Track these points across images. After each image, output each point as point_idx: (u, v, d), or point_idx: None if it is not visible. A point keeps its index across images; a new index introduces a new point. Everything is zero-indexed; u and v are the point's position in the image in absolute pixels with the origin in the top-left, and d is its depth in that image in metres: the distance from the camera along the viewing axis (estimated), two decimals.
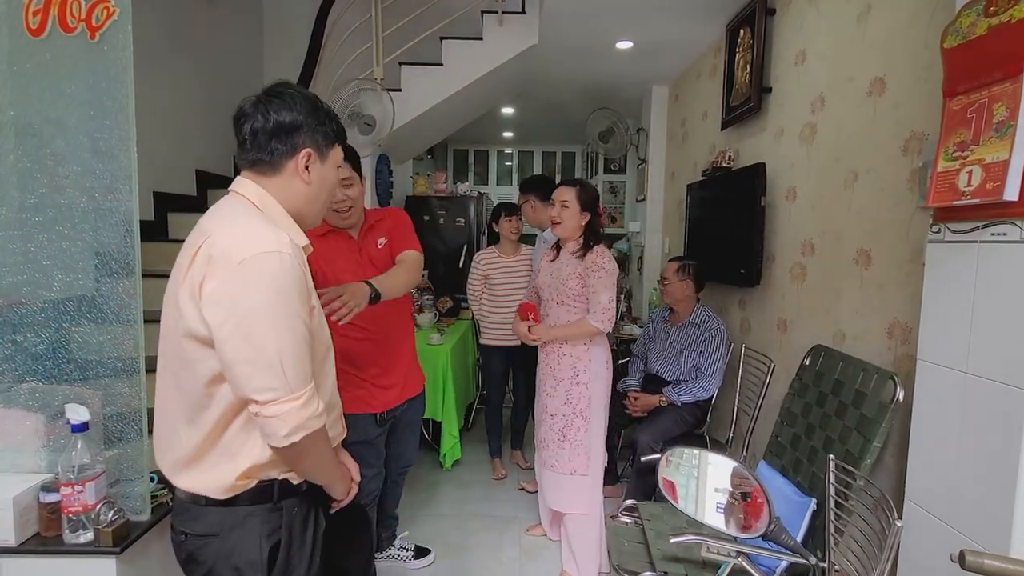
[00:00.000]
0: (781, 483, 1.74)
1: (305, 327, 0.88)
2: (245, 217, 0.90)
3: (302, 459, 0.92)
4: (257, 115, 0.92)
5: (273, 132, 0.92)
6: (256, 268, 0.83)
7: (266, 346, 0.83)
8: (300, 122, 0.93)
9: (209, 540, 0.91)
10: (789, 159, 2.24)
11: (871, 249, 1.74)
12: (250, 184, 0.94)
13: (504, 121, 5.52)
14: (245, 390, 0.84)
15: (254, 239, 0.85)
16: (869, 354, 1.71)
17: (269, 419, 0.84)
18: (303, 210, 0.98)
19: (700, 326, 2.47)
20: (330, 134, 0.98)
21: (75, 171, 1.08)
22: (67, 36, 1.03)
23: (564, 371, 2.01)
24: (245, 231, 0.87)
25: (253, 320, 0.83)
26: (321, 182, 0.98)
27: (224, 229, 0.87)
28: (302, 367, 0.87)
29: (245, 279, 0.83)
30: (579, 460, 2.00)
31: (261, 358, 0.83)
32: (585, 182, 2.07)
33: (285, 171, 0.94)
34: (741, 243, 2.43)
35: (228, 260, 0.83)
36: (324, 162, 0.98)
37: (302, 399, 0.86)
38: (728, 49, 2.75)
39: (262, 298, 0.83)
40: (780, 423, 1.93)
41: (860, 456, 1.49)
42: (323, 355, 0.99)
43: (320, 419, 0.89)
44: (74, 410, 1.06)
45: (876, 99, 1.73)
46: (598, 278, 1.93)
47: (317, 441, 0.91)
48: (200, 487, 0.91)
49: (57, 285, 1.09)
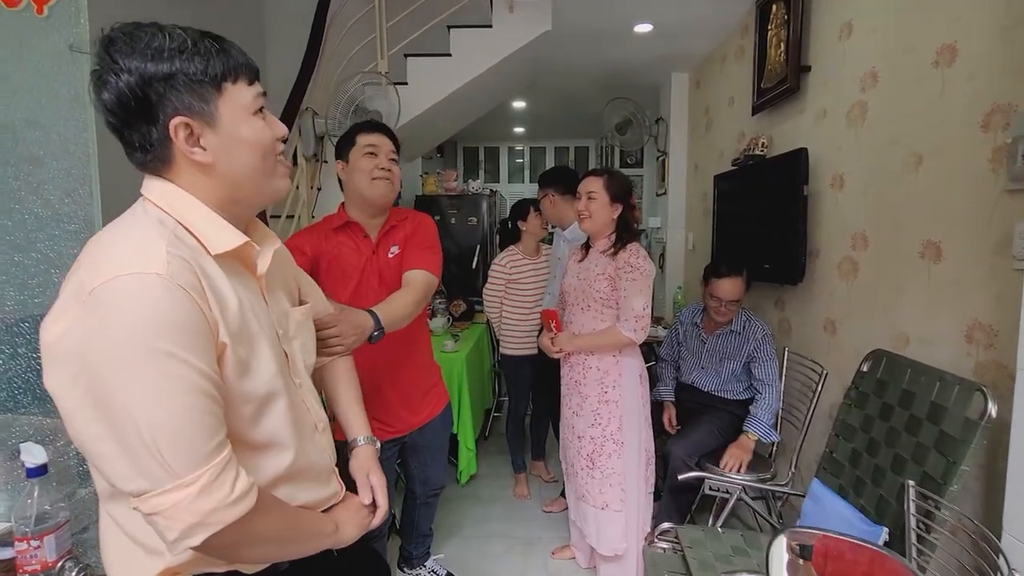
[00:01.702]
0: (842, 507, 1.54)
1: (201, 378, 0.60)
2: (121, 226, 0.65)
3: (239, 553, 0.67)
4: (95, 91, 0.64)
5: (121, 107, 0.63)
6: (109, 301, 0.57)
7: (125, 416, 0.57)
8: (142, 80, 0.61)
9: None
10: (835, 143, 2.03)
11: (940, 240, 1.53)
12: (153, 182, 0.68)
13: (515, 116, 5.34)
14: (109, 477, 0.61)
15: (111, 258, 0.59)
16: (941, 360, 1.50)
17: (150, 517, 0.59)
18: (236, 193, 0.70)
19: (742, 333, 2.18)
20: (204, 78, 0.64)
21: (26, 171, 0.93)
22: (10, 12, 0.88)
23: (590, 386, 1.81)
24: (107, 247, 0.62)
25: (105, 379, 0.57)
26: (231, 147, 0.67)
27: (88, 246, 0.64)
28: (196, 440, 0.59)
29: (91, 318, 0.57)
30: (612, 493, 1.79)
31: (119, 434, 0.58)
32: (614, 171, 1.87)
33: (175, 158, 0.66)
34: (780, 237, 2.22)
35: (79, 293, 0.59)
36: (217, 121, 0.66)
37: (195, 486, 0.59)
38: (758, 27, 2.54)
39: (115, 345, 0.56)
40: (835, 437, 1.73)
41: (943, 480, 1.29)
42: (256, 410, 0.69)
43: (237, 507, 0.62)
44: (29, 451, 0.90)
45: (944, 70, 1.52)
46: (631, 280, 1.71)
47: (252, 527, 0.64)
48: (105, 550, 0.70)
49: (10, 304, 0.94)
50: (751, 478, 1.93)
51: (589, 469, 1.81)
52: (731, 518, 2.14)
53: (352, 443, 0.96)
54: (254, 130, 0.69)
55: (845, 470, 1.65)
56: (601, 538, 1.84)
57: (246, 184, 0.70)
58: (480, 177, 6.49)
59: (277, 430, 0.72)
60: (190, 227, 0.67)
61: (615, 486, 1.80)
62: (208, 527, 0.60)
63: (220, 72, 0.65)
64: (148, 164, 0.67)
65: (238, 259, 0.71)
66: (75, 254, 0.93)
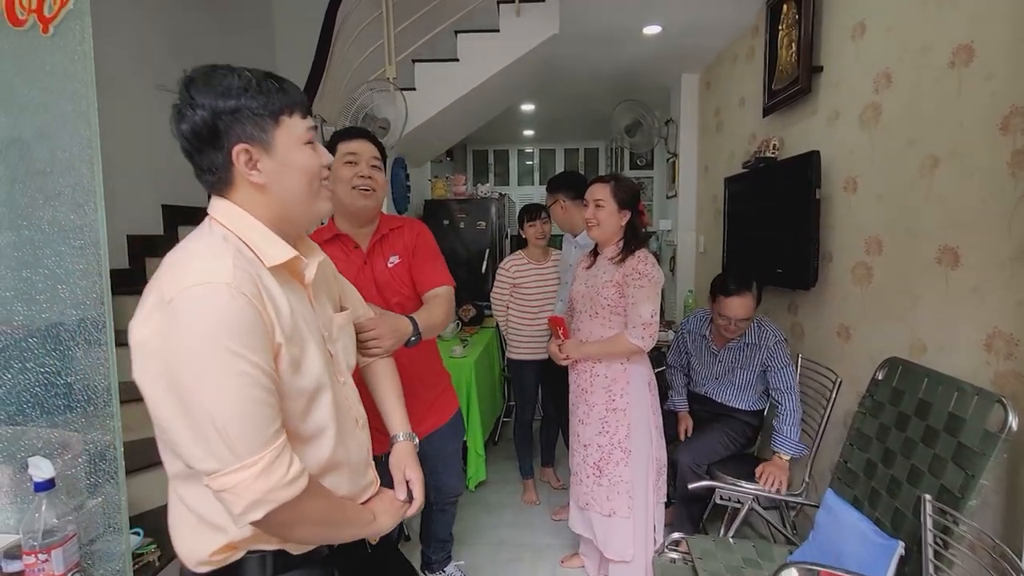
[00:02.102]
0: (856, 518, 1.51)
1: (261, 374, 0.69)
2: (192, 243, 0.75)
3: (290, 532, 0.76)
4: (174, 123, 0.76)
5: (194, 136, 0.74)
6: (182, 309, 0.66)
7: (199, 407, 0.67)
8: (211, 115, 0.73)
9: None
10: (847, 145, 1.99)
11: (958, 246, 1.49)
12: (218, 202, 0.79)
13: (524, 119, 5.33)
14: (185, 459, 0.71)
15: (186, 271, 0.69)
16: (959, 369, 1.46)
17: (219, 493, 0.69)
18: (287, 213, 0.80)
19: (755, 344, 2.08)
20: (263, 112, 0.75)
21: (33, 188, 0.94)
22: (17, 31, 0.89)
23: (597, 394, 1.79)
24: (182, 262, 0.71)
25: (185, 375, 0.67)
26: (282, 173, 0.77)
27: (166, 262, 0.73)
28: (257, 427, 0.69)
29: (171, 324, 0.67)
30: (619, 500, 1.76)
31: (198, 422, 0.67)
32: (621, 177, 1.84)
33: (235, 181, 0.77)
34: (792, 241, 2.18)
35: (160, 302, 0.68)
36: (273, 150, 0.76)
37: (257, 467, 0.68)
38: (769, 28, 2.50)
39: (192, 346, 0.66)
40: (849, 446, 1.69)
41: (961, 495, 1.25)
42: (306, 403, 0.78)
43: (291, 487, 0.71)
44: (37, 465, 0.92)
45: (961, 70, 1.47)
46: (639, 287, 1.68)
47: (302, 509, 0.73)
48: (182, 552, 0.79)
49: (18, 319, 0.95)
50: (764, 488, 1.89)
51: (596, 477, 1.79)
52: (744, 527, 2.10)
53: (392, 439, 1.04)
54: (304, 157, 0.79)
55: (860, 481, 1.61)
56: (608, 544, 1.82)
57: (295, 205, 0.80)
58: (490, 180, 6.49)
59: (324, 423, 0.81)
60: (248, 242, 0.77)
61: (623, 494, 1.78)
62: (267, 504, 0.69)
63: (278, 107, 0.77)
64: (214, 185, 0.78)
65: (288, 270, 0.81)
66: (81, 269, 0.94)
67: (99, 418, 0.98)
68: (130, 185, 2.65)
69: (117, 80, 2.57)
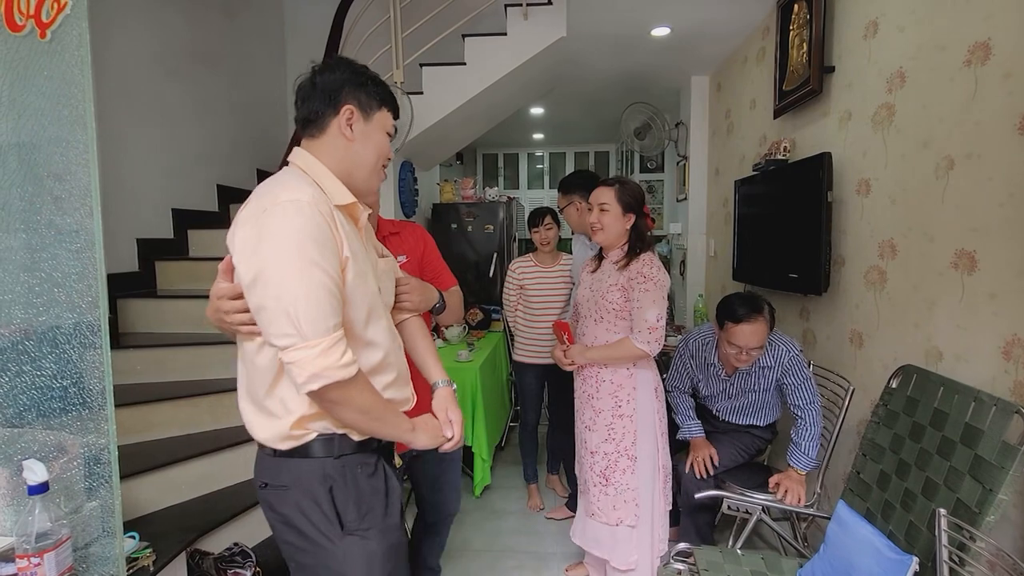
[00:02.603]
0: (868, 532, 1.45)
1: (327, 277, 0.87)
2: (281, 179, 0.94)
3: (338, 411, 0.92)
4: (307, 82, 1.00)
5: (318, 92, 0.98)
6: (275, 216, 0.86)
7: (282, 292, 0.85)
8: (342, 81, 0.98)
9: (280, 490, 0.95)
10: (860, 147, 1.94)
11: (975, 251, 1.44)
12: (300, 153, 1.00)
13: (533, 122, 5.31)
14: (267, 335, 0.88)
15: (277, 192, 0.89)
16: (977, 378, 1.41)
17: (288, 365, 0.86)
18: (352, 172, 1.01)
19: (771, 367, 1.90)
20: (374, 96, 1.01)
21: (30, 192, 0.95)
22: (15, 36, 0.90)
23: (604, 400, 1.76)
24: (272, 187, 0.91)
25: (271, 267, 0.85)
26: (366, 141, 1.01)
27: (262, 189, 0.92)
28: (320, 316, 0.86)
29: (264, 227, 0.86)
30: (626, 509, 1.73)
31: (278, 304, 0.85)
32: (625, 180, 1.81)
33: (329, 130, 0.99)
34: (803, 245, 2.13)
35: (253, 213, 0.88)
36: (368, 121, 1.01)
37: (318, 348, 0.85)
38: (779, 28, 2.46)
39: (279, 245, 0.85)
40: (862, 457, 1.64)
41: (979, 509, 1.20)
42: (366, 315, 0.96)
43: (345, 370, 0.87)
44: (31, 468, 0.92)
45: (977, 69, 1.43)
46: (644, 291, 1.66)
47: (350, 392, 0.90)
48: (266, 437, 0.95)
49: (16, 322, 0.96)
50: (773, 498, 1.84)
51: (603, 485, 1.76)
52: (753, 538, 2.05)
53: (432, 386, 1.17)
54: (382, 139, 1.04)
55: (873, 492, 1.56)
56: (615, 553, 1.79)
57: (359, 168, 1.01)
58: (499, 184, 6.48)
59: (379, 334, 0.99)
60: (320, 183, 0.96)
61: (629, 502, 1.75)
62: (322, 379, 0.85)
63: (385, 100, 1.04)
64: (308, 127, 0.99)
65: (347, 212, 0.99)
66: (77, 273, 0.94)
67: (94, 421, 0.98)
68: (141, 189, 2.68)
69: (128, 85, 2.60)
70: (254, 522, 1.91)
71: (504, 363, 3.42)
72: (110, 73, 2.48)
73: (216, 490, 1.95)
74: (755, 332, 1.78)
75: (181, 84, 2.95)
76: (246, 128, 3.51)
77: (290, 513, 0.94)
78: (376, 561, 0.96)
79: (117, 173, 2.50)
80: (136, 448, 1.90)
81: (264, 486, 0.97)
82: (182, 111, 2.96)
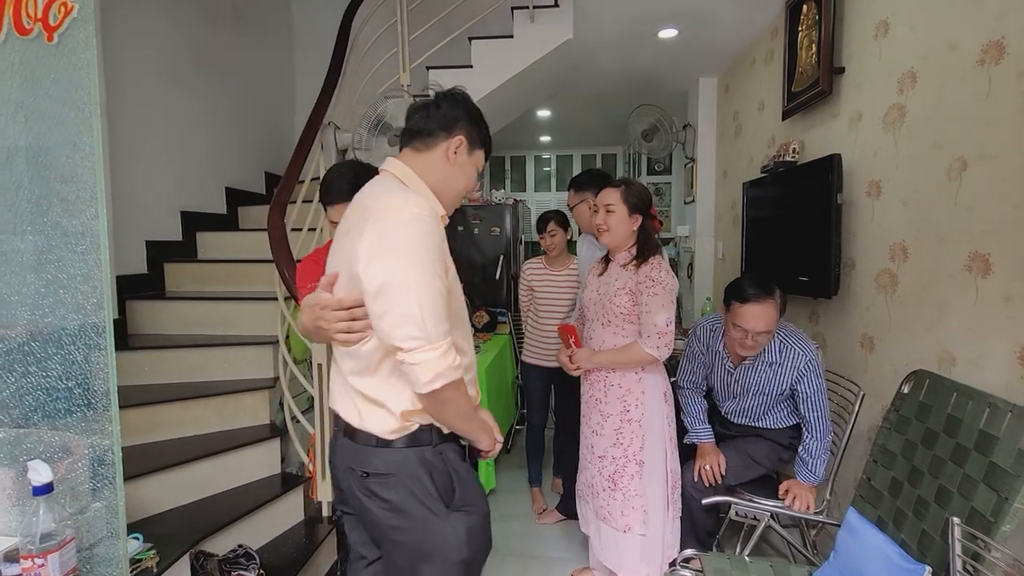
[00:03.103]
0: (880, 540, 1.42)
1: (442, 284, 0.98)
2: (394, 189, 1.05)
3: (444, 408, 1.02)
4: (432, 103, 1.11)
5: (438, 114, 1.09)
6: (400, 227, 0.96)
7: (411, 299, 0.93)
8: (463, 114, 1.11)
9: (386, 478, 1.03)
10: (870, 148, 1.91)
11: (989, 253, 1.41)
12: (396, 163, 1.11)
13: (540, 124, 5.31)
14: (392, 338, 0.95)
15: (402, 205, 0.99)
16: (991, 383, 1.38)
17: (413, 366, 0.94)
18: (443, 192, 1.11)
19: (778, 364, 1.80)
20: (482, 138, 1.15)
21: (36, 194, 0.95)
22: (23, 40, 0.91)
23: (612, 404, 1.74)
24: (387, 198, 1.01)
25: (399, 274, 0.94)
26: (462, 170, 1.12)
27: (379, 200, 1.01)
28: (440, 321, 0.96)
29: (390, 237, 0.95)
30: (634, 515, 1.71)
31: (406, 310, 0.93)
32: (631, 180, 1.80)
33: (436, 150, 1.10)
34: (812, 247, 2.11)
35: (380, 224, 0.97)
36: (470, 155, 1.13)
37: (440, 350, 0.95)
38: (788, 29, 2.44)
39: (406, 254, 0.94)
40: (873, 463, 1.61)
41: (994, 518, 1.17)
42: (455, 315, 1.05)
43: (458, 371, 0.98)
44: (35, 469, 0.92)
45: (991, 68, 1.40)
46: (653, 295, 1.64)
47: (458, 392, 1.00)
48: (376, 429, 1.03)
49: (22, 323, 0.97)
50: (782, 504, 1.81)
51: (611, 490, 1.74)
52: (762, 544, 2.02)
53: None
54: (472, 173, 1.17)
55: (884, 500, 1.53)
56: (624, 561, 1.77)
57: (448, 190, 1.13)
58: (506, 186, 6.48)
59: (460, 336, 1.08)
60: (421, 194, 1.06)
61: (637, 508, 1.73)
62: (444, 378, 0.95)
63: (485, 142, 1.18)
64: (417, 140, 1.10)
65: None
66: (83, 274, 0.95)
67: (99, 422, 0.99)
68: (150, 192, 2.71)
69: (139, 89, 2.63)
70: (259, 524, 1.91)
71: (510, 366, 3.41)
72: (122, 78, 2.50)
73: (221, 491, 1.95)
74: (763, 314, 1.69)
75: (190, 88, 2.98)
76: (254, 131, 3.54)
77: (397, 498, 1.03)
78: (476, 531, 1.08)
79: (127, 176, 2.52)
80: (142, 449, 1.91)
81: (366, 475, 1.04)
82: (191, 114, 2.99)
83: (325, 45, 2.97)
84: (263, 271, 2.58)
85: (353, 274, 0.98)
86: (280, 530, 2.00)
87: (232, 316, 2.48)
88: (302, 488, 2.10)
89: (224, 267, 2.78)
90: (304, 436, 2.18)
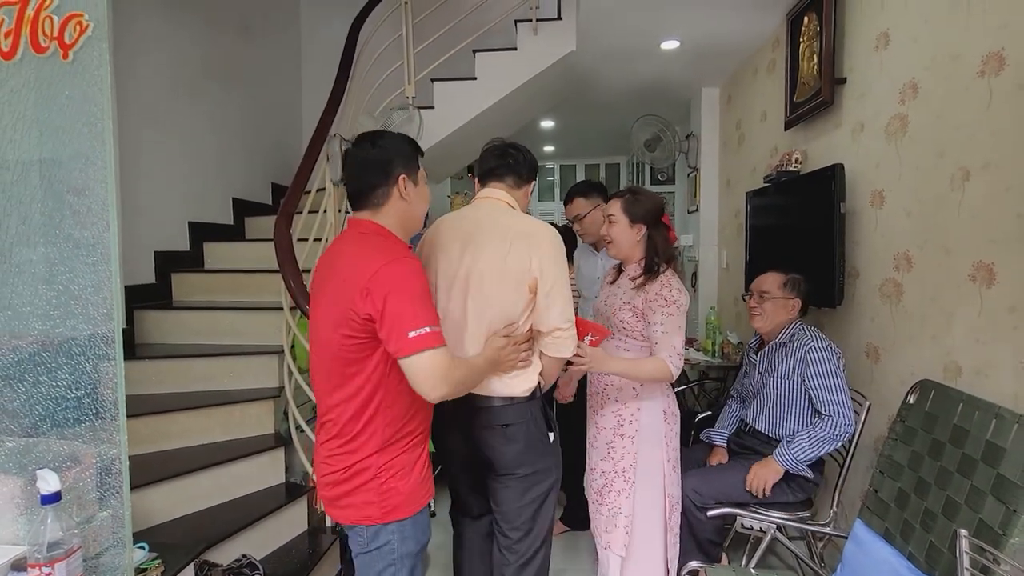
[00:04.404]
0: (888, 554, 1.41)
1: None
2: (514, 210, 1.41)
3: (557, 367, 1.42)
4: (513, 149, 1.45)
5: (520, 161, 1.44)
6: (553, 241, 1.33)
7: (567, 293, 1.33)
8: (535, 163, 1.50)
9: (520, 425, 1.35)
10: (873, 158, 1.92)
11: (993, 263, 1.41)
12: (501, 191, 1.43)
13: (544, 134, 5.35)
14: (558, 321, 1.32)
15: (537, 222, 1.38)
16: (997, 394, 1.37)
17: (565, 340, 1.33)
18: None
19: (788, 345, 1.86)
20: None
21: (50, 207, 0.97)
22: (39, 58, 0.93)
23: (606, 418, 1.70)
24: (527, 221, 1.38)
25: (561, 276, 1.31)
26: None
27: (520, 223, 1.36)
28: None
29: (549, 249, 1.32)
30: (616, 534, 1.64)
31: (566, 302, 1.32)
32: (638, 190, 1.75)
33: (522, 189, 1.46)
34: (816, 257, 2.11)
35: (540, 240, 1.32)
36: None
37: (572, 329, 1.35)
38: (790, 40, 2.46)
39: (561, 261, 1.33)
40: (880, 474, 1.60)
41: (1002, 531, 1.16)
42: None
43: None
44: (44, 478, 0.93)
45: (992, 79, 1.41)
46: (668, 315, 1.56)
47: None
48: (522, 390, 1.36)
49: (33, 333, 0.98)
50: (788, 516, 1.79)
51: (598, 504, 1.70)
52: (769, 556, 2.00)
53: None
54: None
55: (891, 511, 1.52)
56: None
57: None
58: None
59: None
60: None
61: (620, 527, 1.64)
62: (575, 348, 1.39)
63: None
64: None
65: None
66: (93, 285, 0.96)
67: (106, 431, 0.99)
68: (159, 203, 2.74)
69: (149, 103, 2.68)
70: (263, 534, 1.91)
71: None
72: (131, 91, 2.55)
73: (226, 501, 1.96)
74: (766, 277, 1.99)
75: (199, 100, 3.03)
76: (261, 142, 3.58)
77: (526, 438, 1.36)
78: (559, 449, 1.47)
79: (136, 188, 2.56)
80: (149, 458, 1.92)
81: (506, 426, 1.34)
82: (200, 127, 3.03)
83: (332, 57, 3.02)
84: (269, 281, 2.60)
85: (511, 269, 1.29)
86: (284, 540, 2.00)
87: (238, 326, 2.50)
88: (306, 498, 2.10)
89: (231, 277, 2.81)
90: (308, 446, 2.18)
